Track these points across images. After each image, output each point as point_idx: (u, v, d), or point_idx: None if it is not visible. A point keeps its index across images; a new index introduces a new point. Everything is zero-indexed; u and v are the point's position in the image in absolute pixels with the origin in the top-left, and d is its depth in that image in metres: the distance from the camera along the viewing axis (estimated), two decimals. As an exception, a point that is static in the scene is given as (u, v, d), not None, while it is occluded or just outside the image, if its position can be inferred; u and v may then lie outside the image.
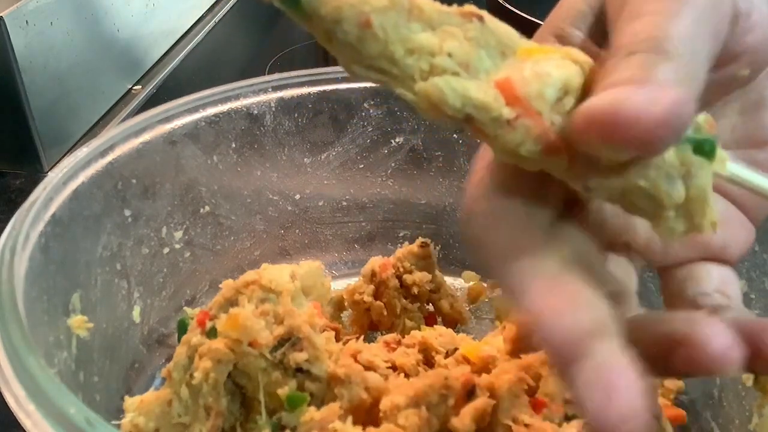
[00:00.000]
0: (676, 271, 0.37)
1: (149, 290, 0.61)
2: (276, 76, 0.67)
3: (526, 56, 0.29)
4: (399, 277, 0.65)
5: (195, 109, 0.62)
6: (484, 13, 0.29)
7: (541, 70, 0.28)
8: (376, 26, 0.28)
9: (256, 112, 0.65)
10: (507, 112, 0.28)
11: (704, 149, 0.28)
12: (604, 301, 0.28)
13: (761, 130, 0.34)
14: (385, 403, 0.47)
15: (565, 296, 0.27)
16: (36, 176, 0.80)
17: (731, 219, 0.36)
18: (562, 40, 0.33)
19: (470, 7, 0.29)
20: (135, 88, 0.96)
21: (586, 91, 0.28)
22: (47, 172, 0.78)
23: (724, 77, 0.32)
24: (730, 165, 0.30)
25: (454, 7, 0.29)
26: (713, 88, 0.30)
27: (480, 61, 0.29)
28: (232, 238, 0.68)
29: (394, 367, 0.58)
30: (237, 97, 0.64)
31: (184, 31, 1.10)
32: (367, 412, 0.51)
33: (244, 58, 1.10)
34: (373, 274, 0.65)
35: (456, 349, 0.60)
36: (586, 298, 0.28)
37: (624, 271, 0.37)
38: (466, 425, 0.45)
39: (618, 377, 0.25)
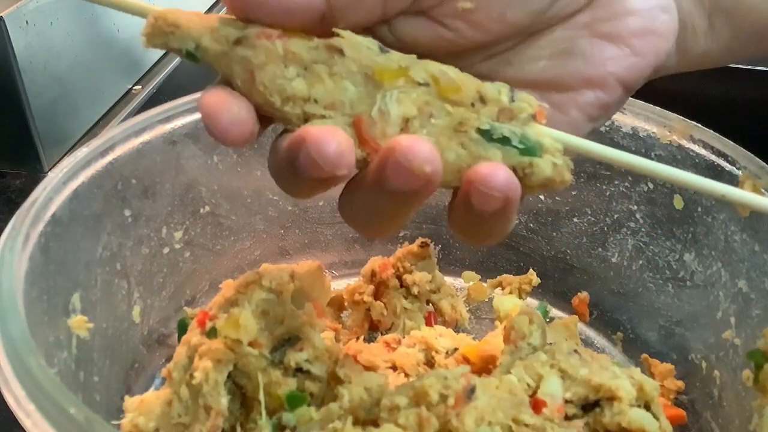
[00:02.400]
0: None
1: (149, 290, 0.61)
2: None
3: (380, 81, 0.35)
4: (399, 277, 0.65)
5: (195, 109, 0.62)
6: (344, 43, 0.35)
7: (385, 108, 0.35)
8: (258, 82, 0.35)
9: (256, 112, 0.65)
10: (359, 153, 0.35)
11: (531, 152, 0.35)
12: None
13: (565, 76, 0.38)
14: (385, 403, 0.47)
15: None
16: (36, 176, 0.80)
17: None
18: None
19: (334, 41, 0.35)
20: (135, 88, 0.96)
21: (447, 99, 0.35)
22: (47, 172, 0.78)
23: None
24: (559, 137, 0.36)
25: (321, 41, 0.35)
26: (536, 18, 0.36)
27: (345, 92, 0.35)
28: (232, 238, 0.68)
29: (394, 367, 0.59)
30: (237, 97, 0.64)
31: (184, 31, 1.10)
32: (367, 412, 0.51)
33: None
34: (373, 274, 0.65)
35: (456, 349, 0.60)
36: None
37: None
38: (467, 425, 0.45)
39: None
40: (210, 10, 1.17)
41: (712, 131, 0.58)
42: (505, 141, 0.35)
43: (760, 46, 0.41)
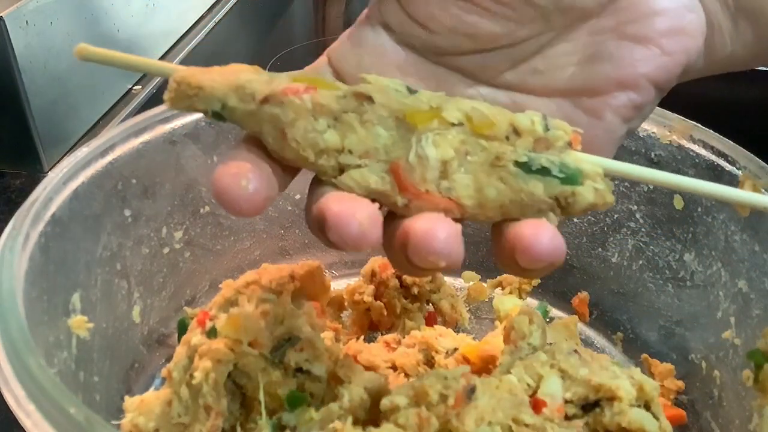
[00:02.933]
0: None
1: (149, 290, 0.61)
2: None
3: (413, 124, 0.35)
4: (399, 277, 0.65)
5: (195, 109, 0.61)
6: (372, 89, 0.35)
7: (422, 153, 0.35)
8: (290, 138, 0.35)
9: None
10: (401, 200, 0.35)
11: (572, 180, 0.35)
12: None
13: (596, 80, 0.38)
14: (385, 404, 0.47)
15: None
16: (36, 176, 0.80)
17: None
18: None
19: (361, 87, 0.35)
20: (135, 88, 0.96)
21: (481, 135, 0.35)
22: (47, 172, 0.78)
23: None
24: (596, 162, 0.36)
25: (348, 89, 0.35)
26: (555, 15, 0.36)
27: (378, 139, 0.35)
28: (232, 238, 0.68)
29: (394, 367, 0.59)
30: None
31: (184, 31, 1.10)
32: (367, 412, 0.51)
33: (243, 58, 1.09)
34: (373, 274, 0.65)
35: (456, 349, 0.60)
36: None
37: None
38: (467, 425, 0.45)
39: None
40: (210, 10, 1.17)
41: (712, 131, 0.58)
42: (544, 171, 0.35)
43: None
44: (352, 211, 0.33)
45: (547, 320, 0.65)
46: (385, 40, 0.38)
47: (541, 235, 0.34)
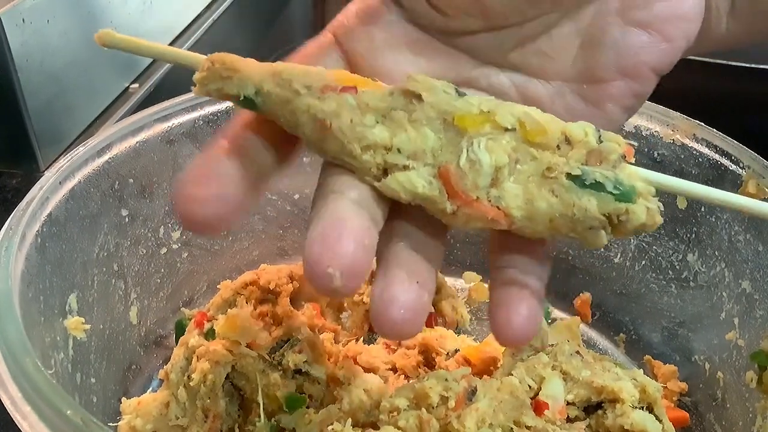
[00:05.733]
0: None
1: (146, 291, 0.61)
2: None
3: (462, 128, 0.33)
4: (399, 278, 0.64)
5: (193, 108, 0.61)
6: (421, 88, 0.34)
7: (474, 157, 0.33)
8: (335, 128, 0.33)
9: (254, 110, 0.64)
10: (449, 207, 0.33)
11: (627, 198, 0.33)
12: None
13: (595, 68, 0.37)
14: (384, 405, 0.47)
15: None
16: (32, 176, 0.79)
17: None
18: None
19: (410, 85, 0.34)
20: (132, 86, 0.95)
21: (532, 142, 0.34)
22: (43, 172, 0.78)
23: None
24: (650, 176, 0.34)
25: (397, 87, 0.34)
26: None
27: (426, 140, 0.33)
28: (231, 238, 0.68)
29: (394, 369, 0.58)
30: (235, 96, 0.64)
31: (182, 29, 1.09)
32: (366, 415, 0.51)
33: (242, 56, 1.10)
34: (373, 274, 0.65)
35: (457, 350, 0.60)
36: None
37: None
38: (467, 428, 0.45)
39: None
40: (208, 7, 1.16)
41: (715, 130, 0.58)
42: (598, 187, 0.33)
43: None
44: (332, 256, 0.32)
45: (549, 321, 0.65)
46: (396, 18, 0.37)
47: (514, 322, 0.35)
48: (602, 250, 0.67)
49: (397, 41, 0.38)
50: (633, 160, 0.35)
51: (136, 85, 0.95)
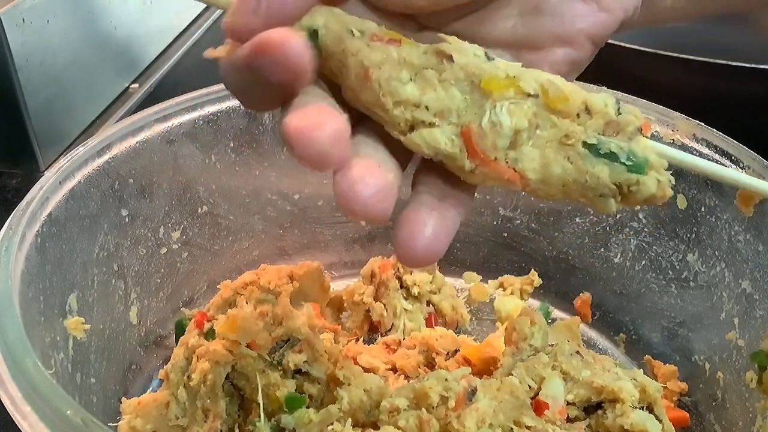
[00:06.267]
0: None
1: (146, 291, 0.61)
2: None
3: (488, 90, 0.34)
4: (399, 278, 0.64)
5: (193, 108, 0.61)
6: (453, 49, 0.35)
7: (496, 120, 0.34)
8: (374, 80, 0.34)
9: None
10: (468, 164, 0.35)
11: (638, 169, 0.34)
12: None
13: (536, 34, 0.38)
14: (384, 405, 0.47)
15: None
16: (32, 176, 0.79)
17: None
18: None
19: (443, 46, 0.35)
20: (132, 86, 0.95)
21: (554, 110, 0.35)
22: (43, 172, 0.78)
23: None
24: (663, 151, 0.36)
25: (430, 47, 0.35)
26: None
27: (452, 100, 0.35)
28: (230, 238, 0.67)
29: (394, 369, 0.58)
30: (235, 96, 0.64)
31: (182, 28, 1.09)
32: (366, 415, 0.50)
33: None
34: (373, 274, 0.65)
35: (457, 350, 0.60)
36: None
37: None
38: (467, 428, 0.45)
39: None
40: (208, 7, 1.16)
41: (715, 130, 0.58)
42: (612, 157, 0.35)
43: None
44: (316, 127, 0.31)
45: (549, 321, 0.65)
46: None
47: (417, 239, 0.34)
48: (602, 250, 0.67)
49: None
50: (649, 134, 0.36)
51: (136, 85, 0.95)
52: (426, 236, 0.35)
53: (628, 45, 0.78)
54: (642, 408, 0.49)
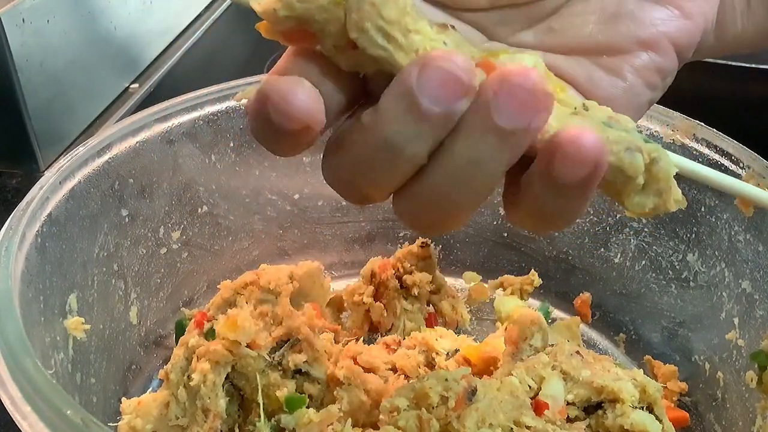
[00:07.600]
0: None
1: (146, 291, 0.61)
2: (275, 74, 0.66)
3: (496, 56, 0.35)
4: (399, 278, 0.64)
5: (193, 108, 0.61)
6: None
7: (515, 58, 0.34)
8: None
9: (254, 110, 0.64)
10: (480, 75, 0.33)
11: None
12: None
13: (617, 38, 0.37)
14: (384, 406, 0.47)
15: None
16: (32, 176, 0.79)
17: None
18: None
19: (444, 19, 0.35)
20: (132, 86, 0.95)
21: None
22: (43, 172, 0.78)
23: None
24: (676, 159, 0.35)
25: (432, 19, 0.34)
26: None
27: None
28: (231, 238, 0.67)
29: (394, 369, 0.58)
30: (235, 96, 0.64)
31: (182, 28, 1.09)
32: (366, 415, 0.50)
33: (242, 56, 1.10)
34: (373, 274, 0.65)
35: (457, 350, 0.60)
36: None
37: None
38: (467, 428, 0.45)
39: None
40: (208, 7, 1.16)
41: (715, 130, 0.58)
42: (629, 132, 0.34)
43: None
44: (294, 87, 0.32)
45: (549, 321, 0.65)
46: None
47: (587, 132, 0.32)
48: (602, 250, 0.67)
49: None
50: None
51: (136, 85, 0.95)
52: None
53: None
54: (642, 408, 0.49)
